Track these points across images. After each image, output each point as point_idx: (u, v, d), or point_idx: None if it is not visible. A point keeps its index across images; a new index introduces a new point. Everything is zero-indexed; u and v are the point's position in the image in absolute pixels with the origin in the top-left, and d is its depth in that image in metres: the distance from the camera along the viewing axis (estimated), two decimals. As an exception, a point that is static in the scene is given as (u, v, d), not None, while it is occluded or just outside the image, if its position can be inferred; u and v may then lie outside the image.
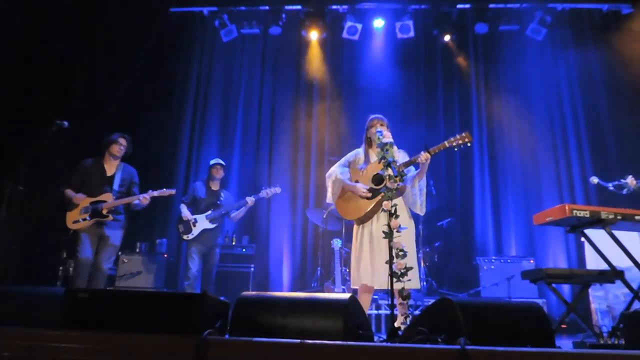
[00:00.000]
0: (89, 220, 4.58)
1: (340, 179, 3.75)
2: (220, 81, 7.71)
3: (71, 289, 2.10)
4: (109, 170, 4.81)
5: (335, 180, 3.77)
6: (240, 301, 2.10)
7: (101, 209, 4.60)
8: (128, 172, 4.93)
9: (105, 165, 4.81)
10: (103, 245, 4.64)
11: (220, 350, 1.76)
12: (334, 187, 3.78)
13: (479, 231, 6.83)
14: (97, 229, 4.62)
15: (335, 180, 3.77)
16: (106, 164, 4.82)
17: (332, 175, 3.80)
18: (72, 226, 4.59)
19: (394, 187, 2.78)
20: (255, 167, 7.31)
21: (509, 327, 1.99)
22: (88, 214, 4.58)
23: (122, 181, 4.82)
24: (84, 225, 4.57)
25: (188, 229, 5.36)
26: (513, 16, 7.23)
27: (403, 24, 7.24)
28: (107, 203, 4.63)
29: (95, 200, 4.64)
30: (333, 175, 3.79)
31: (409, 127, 6.60)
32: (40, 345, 1.84)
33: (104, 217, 4.61)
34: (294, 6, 7.46)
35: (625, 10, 6.94)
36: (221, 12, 7.48)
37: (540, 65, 7.26)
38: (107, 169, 4.80)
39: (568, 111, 7.06)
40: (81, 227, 4.57)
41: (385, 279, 3.39)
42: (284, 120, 7.52)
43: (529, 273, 3.68)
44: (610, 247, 3.41)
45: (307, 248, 6.98)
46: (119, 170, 4.84)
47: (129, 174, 4.93)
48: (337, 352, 1.72)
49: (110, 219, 4.62)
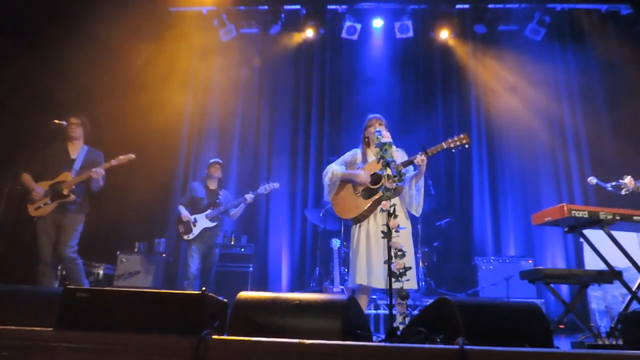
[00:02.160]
0: (50, 204, 4.44)
1: (339, 172, 3.71)
2: (219, 80, 7.71)
3: (70, 288, 2.09)
4: (72, 152, 4.70)
5: (332, 177, 3.72)
6: (238, 301, 2.10)
7: (61, 189, 4.46)
8: (93, 154, 4.78)
9: (69, 149, 4.71)
10: (62, 231, 4.48)
11: (219, 350, 1.76)
12: (331, 183, 3.74)
13: (477, 231, 6.84)
14: (57, 214, 4.47)
15: (332, 177, 3.72)
16: (70, 148, 4.71)
17: (329, 172, 3.75)
18: (35, 213, 4.43)
19: (392, 187, 2.78)
20: (254, 167, 7.32)
21: (508, 327, 1.99)
22: (48, 197, 4.45)
23: (85, 163, 4.66)
24: (47, 209, 4.43)
25: (188, 229, 5.36)
26: (512, 16, 7.23)
27: (402, 24, 7.24)
28: (67, 182, 4.49)
29: (54, 182, 4.50)
30: (330, 172, 3.75)
31: (407, 127, 6.60)
32: (38, 344, 1.83)
33: (65, 198, 4.45)
34: (293, 6, 7.46)
35: (624, 11, 6.94)
36: (220, 11, 7.47)
37: (539, 65, 7.26)
38: (70, 151, 4.70)
39: (567, 111, 7.07)
40: (43, 213, 4.42)
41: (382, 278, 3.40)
42: (282, 120, 7.52)
43: (527, 273, 3.68)
44: (609, 247, 3.42)
45: (306, 248, 6.98)
46: (82, 152, 4.72)
47: (94, 156, 4.76)
48: (336, 352, 1.72)
49: (72, 198, 4.46)
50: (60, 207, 4.49)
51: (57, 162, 4.61)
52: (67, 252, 4.42)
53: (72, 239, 4.49)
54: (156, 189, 7.06)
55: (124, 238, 6.58)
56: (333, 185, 3.74)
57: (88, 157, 4.72)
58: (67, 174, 4.53)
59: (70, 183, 4.49)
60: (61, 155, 4.65)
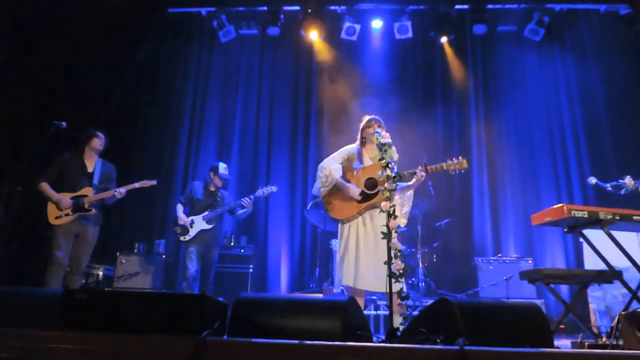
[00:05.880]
0: (71, 215, 4.50)
1: (335, 176, 3.72)
2: (219, 82, 7.72)
3: (70, 289, 2.09)
4: (89, 165, 4.75)
5: (328, 176, 3.72)
6: (238, 302, 2.10)
7: (83, 203, 4.54)
8: (107, 167, 4.87)
9: (85, 161, 4.75)
10: (79, 243, 4.57)
11: (219, 351, 1.76)
12: (326, 182, 3.74)
13: (477, 231, 6.84)
14: (76, 225, 4.55)
15: (328, 176, 3.72)
16: (86, 160, 4.76)
17: (327, 169, 3.74)
18: (55, 222, 4.49)
19: (392, 188, 2.78)
20: (254, 167, 7.31)
21: (508, 328, 1.99)
22: (70, 209, 4.51)
23: (102, 177, 4.76)
24: (66, 220, 4.49)
25: (185, 230, 5.34)
26: (511, 17, 7.24)
27: (401, 25, 7.25)
28: (88, 197, 4.57)
29: (76, 195, 4.57)
30: (327, 169, 3.74)
31: (406, 128, 6.59)
32: (38, 346, 1.83)
33: (86, 212, 4.54)
34: (293, 7, 7.45)
35: (623, 11, 6.95)
36: (219, 12, 7.48)
37: (538, 65, 7.28)
38: (87, 164, 4.75)
39: (566, 111, 7.07)
40: (63, 223, 4.48)
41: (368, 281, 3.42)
42: (282, 121, 7.52)
43: (527, 273, 3.68)
44: (609, 247, 3.42)
45: (306, 249, 6.98)
46: (98, 165, 4.79)
47: (108, 169, 4.87)
48: (336, 353, 1.72)
49: (92, 212, 4.56)
50: (79, 218, 4.58)
51: (75, 173, 4.67)
52: (83, 264, 4.61)
53: (89, 252, 4.66)
54: (156, 189, 7.06)
55: (124, 239, 6.58)
56: (327, 184, 3.75)
57: (103, 170, 4.81)
58: (89, 189, 4.63)
59: (92, 199, 4.59)
60: (78, 167, 4.71)
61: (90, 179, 4.70)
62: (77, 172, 4.68)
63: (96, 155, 4.82)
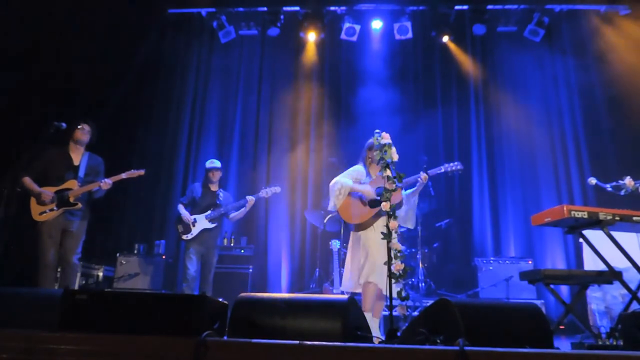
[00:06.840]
0: (56, 210, 4.37)
1: (347, 185, 3.88)
2: (219, 82, 7.72)
3: (70, 290, 2.09)
4: (75, 159, 4.61)
5: (341, 188, 3.87)
6: (238, 302, 2.10)
7: (67, 197, 4.41)
8: (95, 160, 4.73)
9: (71, 154, 4.61)
10: (67, 237, 4.42)
11: (219, 352, 1.76)
12: (339, 195, 3.89)
13: (477, 232, 6.83)
14: (62, 220, 4.42)
15: (341, 188, 3.87)
16: (72, 153, 4.62)
17: (338, 184, 3.89)
18: (39, 218, 4.35)
19: (392, 188, 2.79)
20: (254, 168, 7.31)
21: (508, 328, 1.99)
22: (55, 203, 4.38)
23: (88, 169, 4.62)
24: (51, 215, 4.36)
25: (187, 229, 5.34)
26: (511, 17, 7.24)
27: (401, 25, 7.25)
28: (73, 191, 4.44)
29: (60, 189, 4.44)
30: (339, 184, 3.89)
31: (406, 128, 6.60)
32: (38, 347, 1.83)
33: (71, 206, 4.41)
34: (292, 7, 7.46)
35: (623, 12, 6.96)
36: (219, 13, 7.48)
37: (538, 66, 7.27)
38: (73, 157, 4.61)
39: (566, 112, 7.07)
40: (48, 219, 4.35)
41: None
42: (282, 121, 7.51)
43: (527, 274, 3.68)
44: (609, 248, 3.42)
45: (306, 249, 6.97)
46: (84, 158, 4.65)
47: (96, 162, 4.73)
48: (336, 353, 1.72)
49: (78, 206, 4.42)
50: (65, 213, 4.45)
51: (60, 166, 4.54)
52: (73, 258, 4.44)
53: (78, 246, 4.49)
54: (156, 190, 7.07)
55: (124, 240, 6.58)
56: (341, 196, 3.90)
57: (90, 163, 4.68)
58: (73, 182, 4.48)
59: (77, 192, 4.46)
60: (64, 160, 4.58)
61: (75, 172, 4.55)
62: (62, 165, 4.53)
63: (82, 147, 4.66)
